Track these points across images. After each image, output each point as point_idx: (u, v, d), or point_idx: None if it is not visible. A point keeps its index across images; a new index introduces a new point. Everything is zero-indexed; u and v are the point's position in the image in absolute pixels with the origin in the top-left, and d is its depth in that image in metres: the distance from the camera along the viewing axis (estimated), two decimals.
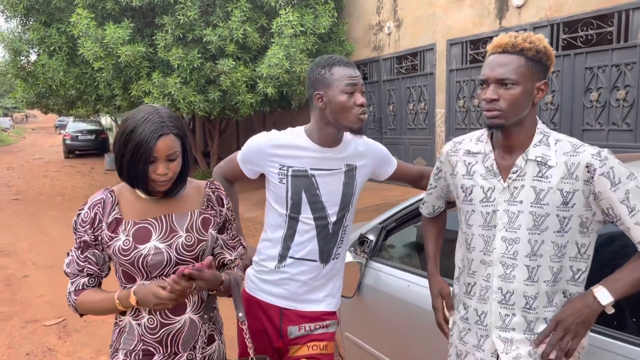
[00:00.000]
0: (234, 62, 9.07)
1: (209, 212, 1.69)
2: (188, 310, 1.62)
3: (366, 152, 1.99)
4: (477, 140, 1.68)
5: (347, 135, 1.93)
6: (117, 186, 1.64)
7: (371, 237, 2.71)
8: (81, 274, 1.59)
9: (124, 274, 1.59)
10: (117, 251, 1.54)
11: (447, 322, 1.83)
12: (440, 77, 9.20)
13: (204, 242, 1.63)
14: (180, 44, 9.32)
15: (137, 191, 1.61)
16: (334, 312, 2.03)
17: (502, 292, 1.59)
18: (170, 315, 1.59)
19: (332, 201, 1.91)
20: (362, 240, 2.74)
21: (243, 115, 10.08)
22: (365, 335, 2.71)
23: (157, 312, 1.58)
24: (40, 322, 4.53)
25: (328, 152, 1.89)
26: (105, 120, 31.98)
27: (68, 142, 21.40)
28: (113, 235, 1.55)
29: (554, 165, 1.50)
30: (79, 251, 1.58)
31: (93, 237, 1.56)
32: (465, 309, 1.72)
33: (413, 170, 2.17)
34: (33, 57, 10.93)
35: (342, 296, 2.62)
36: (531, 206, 1.52)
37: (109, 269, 1.65)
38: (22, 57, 10.58)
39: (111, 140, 27.09)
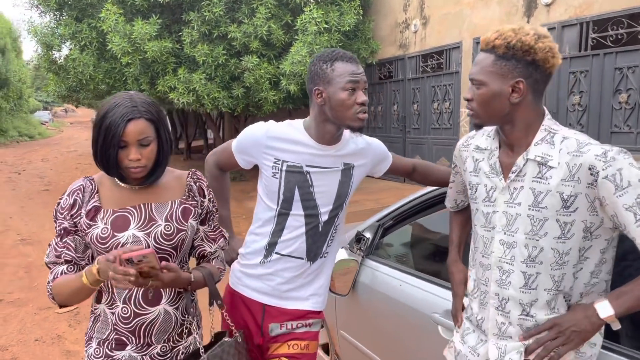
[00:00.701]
0: (258, 59, 9.10)
1: (190, 202, 1.67)
2: (163, 301, 1.60)
3: (366, 150, 1.92)
4: (487, 136, 1.61)
5: (347, 132, 1.86)
6: (97, 175, 1.64)
7: (368, 234, 2.66)
8: (59, 260, 1.57)
9: None
10: (94, 239, 1.53)
11: (464, 308, 1.74)
12: (465, 76, 9.03)
13: (183, 232, 1.61)
14: (206, 41, 9.41)
15: (117, 180, 1.60)
16: (320, 312, 1.98)
17: (498, 298, 1.52)
18: (145, 306, 1.57)
19: (326, 200, 1.85)
20: (359, 238, 2.69)
21: (266, 112, 10.11)
22: (358, 334, 2.67)
23: (132, 302, 1.56)
24: (53, 309, 4.63)
25: (326, 150, 1.82)
26: None
27: None
28: (91, 223, 1.54)
29: (555, 165, 1.38)
30: (59, 238, 1.58)
31: (72, 223, 1.56)
32: (471, 309, 1.66)
33: (407, 163, 2.11)
34: (65, 52, 11.21)
35: (337, 294, 2.60)
36: (529, 209, 1.42)
37: (90, 259, 1.62)
38: (53, 52, 10.85)
39: None
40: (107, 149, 1.48)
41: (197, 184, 1.72)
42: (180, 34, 9.52)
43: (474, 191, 1.60)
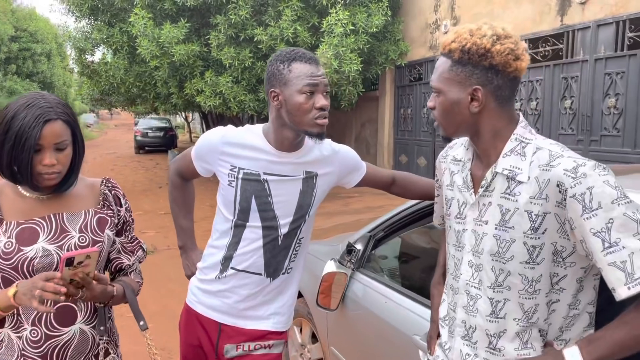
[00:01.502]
0: None
1: (106, 211, 1.55)
2: (79, 320, 1.46)
3: (331, 158, 1.77)
4: (464, 146, 1.45)
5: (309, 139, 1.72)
6: None
7: (359, 246, 2.51)
8: None
9: (3, 281, 1.41)
10: None
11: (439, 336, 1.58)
12: None
13: (100, 243, 1.49)
14: (233, 44, 9.42)
15: (20, 188, 1.46)
16: (282, 332, 1.82)
17: (465, 326, 1.36)
18: (58, 327, 1.42)
19: (286, 210, 1.70)
20: (349, 249, 2.55)
21: None
22: (347, 351, 2.52)
23: (42, 323, 1.41)
24: None
25: (285, 157, 1.68)
26: (178, 119, 33.31)
27: (138, 138, 22.34)
28: None
29: (524, 180, 1.21)
30: None
31: None
32: (441, 336, 1.51)
33: (384, 175, 1.94)
34: (98, 56, 11.50)
35: (324, 308, 2.46)
36: (495, 228, 1.27)
37: None
38: (86, 56, 11.12)
39: (180, 137, 28.14)
40: (18, 153, 1.33)
41: (113, 192, 1.60)
42: (207, 37, 9.57)
43: (449, 206, 1.45)
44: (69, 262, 1.27)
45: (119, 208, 1.60)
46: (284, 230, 1.71)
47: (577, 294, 1.25)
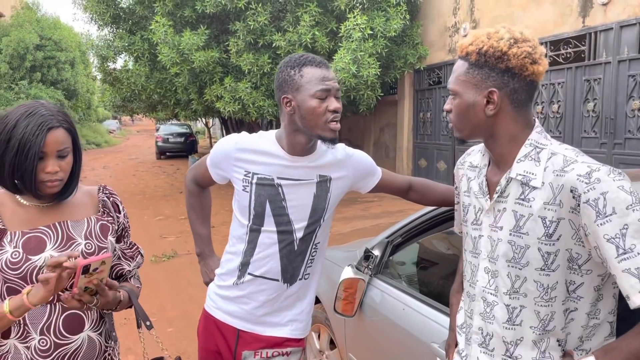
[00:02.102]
0: None
1: (106, 218, 1.57)
2: (86, 327, 1.47)
3: (345, 162, 1.77)
4: (481, 152, 1.45)
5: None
6: None
7: (376, 252, 2.50)
8: None
9: (9, 292, 1.40)
10: (3, 265, 1.38)
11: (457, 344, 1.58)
12: None
13: (105, 250, 1.51)
14: (252, 50, 9.48)
15: (19, 198, 1.45)
16: (300, 340, 1.82)
17: (482, 333, 1.36)
18: (67, 335, 1.43)
19: (300, 214, 1.71)
20: (367, 256, 2.54)
21: None
22: (365, 357, 2.51)
23: (51, 332, 1.41)
24: None
25: (298, 161, 1.69)
26: (199, 124, 33.66)
27: (160, 144, 22.58)
28: None
29: (538, 186, 1.21)
30: None
31: None
32: (459, 343, 1.50)
33: (400, 181, 1.93)
34: (120, 63, 11.69)
35: (342, 315, 2.45)
36: (510, 234, 1.26)
37: None
38: (109, 63, 11.31)
39: (200, 143, 28.37)
40: (22, 162, 1.33)
41: (111, 199, 1.62)
42: (226, 43, 9.65)
43: (466, 213, 1.45)
44: (85, 269, 1.28)
45: (117, 214, 1.61)
46: (299, 234, 1.72)
47: (596, 302, 1.23)
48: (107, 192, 1.62)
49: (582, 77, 7.41)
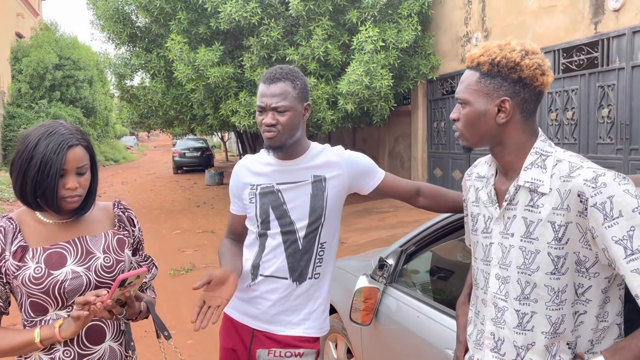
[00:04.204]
0: (315, 80, 9.17)
1: (122, 232, 1.64)
2: (108, 338, 1.53)
3: (337, 162, 1.87)
4: (487, 163, 1.50)
5: (316, 145, 1.89)
6: (14, 213, 1.53)
7: (390, 261, 2.54)
8: None
9: (32, 306, 1.46)
10: (27, 280, 1.42)
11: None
12: None
13: (122, 263, 1.57)
14: (266, 64, 9.61)
15: (39, 215, 1.51)
16: (314, 339, 1.88)
17: (494, 338, 1.40)
18: (90, 345, 1.49)
19: (300, 214, 1.83)
20: (381, 265, 2.58)
21: (325, 132, 10.14)
22: None
23: (75, 343, 1.47)
24: None
25: (290, 165, 1.84)
26: (215, 139, 34.00)
27: (176, 158, 22.88)
28: (20, 264, 1.43)
29: (546, 192, 1.26)
30: None
31: None
32: (469, 349, 1.55)
33: (406, 185, 1.97)
34: (137, 81, 11.91)
35: (357, 324, 2.49)
36: (521, 240, 1.31)
37: (9, 304, 1.51)
38: (126, 81, 11.54)
39: (216, 157, 28.65)
40: (43, 179, 1.39)
41: (126, 213, 1.68)
42: (241, 59, 9.80)
43: (475, 222, 1.49)
44: (122, 282, 1.36)
45: (132, 228, 1.68)
46: (301, 233, 1.83)
47: (603, 305, 1.27)
48: (121, 207, 1.69)
49: (596, 84, 7.39)
